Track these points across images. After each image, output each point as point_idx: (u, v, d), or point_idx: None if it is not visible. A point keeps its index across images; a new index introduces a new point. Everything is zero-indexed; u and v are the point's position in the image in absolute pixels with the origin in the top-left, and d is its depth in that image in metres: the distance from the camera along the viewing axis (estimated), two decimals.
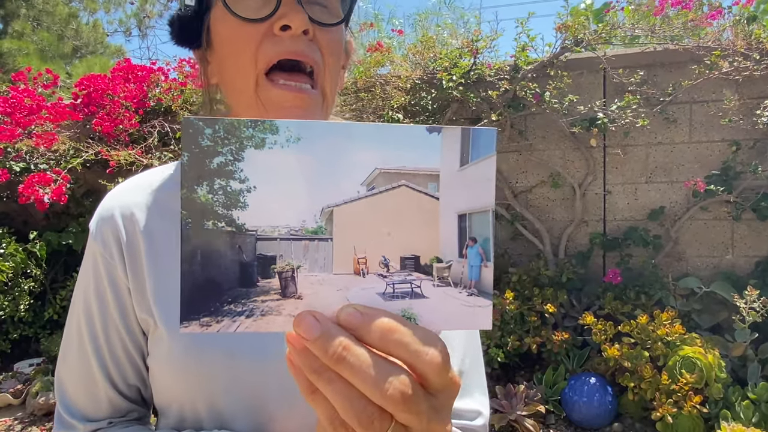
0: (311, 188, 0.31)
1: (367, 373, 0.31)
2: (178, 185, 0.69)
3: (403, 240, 0.33)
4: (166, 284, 0.65)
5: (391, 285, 0.33)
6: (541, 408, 2.95)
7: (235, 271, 0.32)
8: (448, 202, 0.33)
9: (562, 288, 3.33)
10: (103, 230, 0.67)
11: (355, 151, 0.31)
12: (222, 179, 0.31)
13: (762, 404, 2.73)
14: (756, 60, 2.94)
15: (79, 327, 0.69)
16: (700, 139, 3.28)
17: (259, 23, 0.58)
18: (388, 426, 0.33)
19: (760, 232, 3.28)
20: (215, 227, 0.31)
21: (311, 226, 0.32)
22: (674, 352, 2.82)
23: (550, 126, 3.42)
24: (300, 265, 0.32)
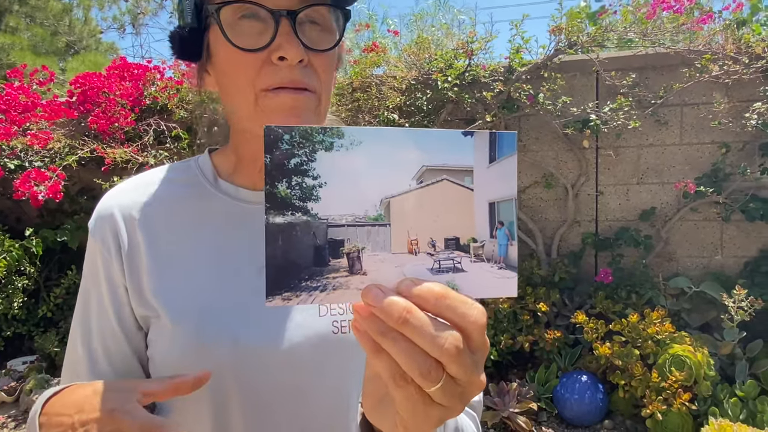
0: (372, 183, 0.37)
1: (427, 332, 0.36)
2: (174, 185, 0.73)
3: (446, 224, 0.39)
4: (167, 279, 0.68)
5: (437, 261, 0.39)
6: (534, 405, 2.99)
7: (311, 253, 0.37)
8: (481, 192, 0.39)
9: (555, 287, 3.38)
10: (102, 229, 0.70)
11: (406, 152, 0.37)
12: (298, 177, 0.36)
13: (749, 401, 2.78)
14: (745, 64, 3.00)
15: (75, 321, 0.73)
16: (691, 141, 3.33)
17: (256, 53, 0.60)
18: (441, 376, 0.37)
19: (748, 233, 3.34)
20: (293, 217, 0.37)
21: (373, 214, 0.38)
22: (664, 350, 2.87)
23: (543, 127, 3.46)
24: (364, 247, 0.38)
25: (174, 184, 0.74)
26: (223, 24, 0.60)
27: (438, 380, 0.37)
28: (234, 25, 0.60)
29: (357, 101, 3.51)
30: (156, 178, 0.75)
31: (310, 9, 0.60)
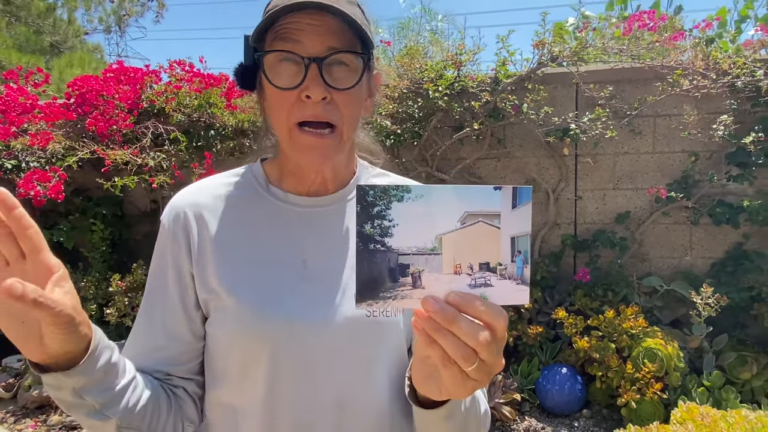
0: (429, 224, 0.52)
1: (467, 330, 0.52)
2: (234, 189, 0.88)
3: (480, 253, 0.54)
4: (230, 269, 0.81)
5: (474, 279, 0.54)
6: (517, 396, 3.19)
7: (386, 273, 0.53)
8: (505, 230, 0.54)
9: (537, 286, 3.58)
10: (175, 225, 0.83)
11: (453, 202, 0.52)
12: (378, 220, 0.52)
13: (715, 391, 3.02)
14: (713, 79, 3.24)
15: (144, 303, 0.86)
16: (663, 150, 3.57)
17: (290, 91, 0.74)
18: (476, 360, 0.54)
19: (715, 236, 3.59)
20: (376, 247, 0.52)
21: (429, 246, 0.53)
22: (638, 343, 3.10)
23: (526, 135, 3.67)
24: (423, 269, 0.53)
25: (233, 188, 0.87)
26: (266, 66, 0.75)
27: (474, 363, 0.54)
28: (275, 67, 0.75)
29: None
30: (219, 182, 0.88)
31: (335, 55, 0.74)
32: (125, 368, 0.74)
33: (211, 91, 3.99)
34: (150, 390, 0.78)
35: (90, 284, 3.93)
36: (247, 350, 0.80)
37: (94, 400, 0.68)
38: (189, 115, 3.99)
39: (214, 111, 3.95)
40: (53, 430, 3.34)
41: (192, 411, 0.87)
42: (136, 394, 0.75)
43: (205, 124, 4.03)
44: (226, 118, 3.96)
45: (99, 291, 3.91)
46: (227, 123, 3.96)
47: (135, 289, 3.75)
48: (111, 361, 0.70)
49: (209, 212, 0.84)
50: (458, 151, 3.81)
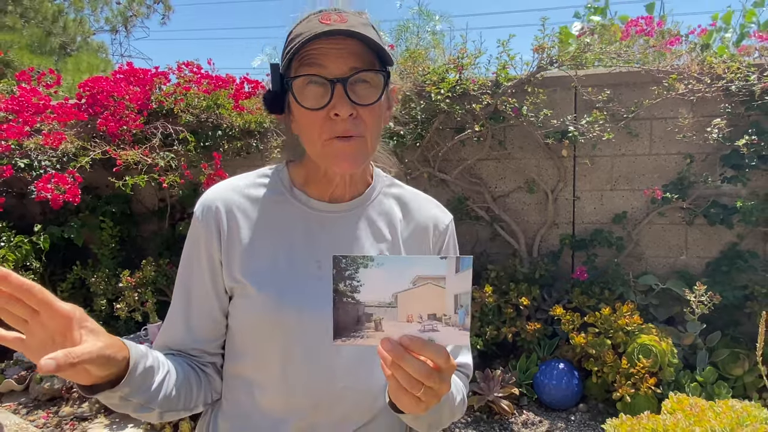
0: (388, 285, 0.66)
1: (413, 365, 0.67)
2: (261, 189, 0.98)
3: (428, 306, 0.67)
4: (254, 261, 0.91)
5: (423, 326, 0.68)
6: (515, 391, 3.28)
7: (355, 319, 0.68)
8: (449, 289, 0.67)
9: (535, 283, 3.67)
10: (208, 216, 0.92)
11: (407, 268, 0.66)
12: (349, 281, 0.66)
13: (707, 386, 3.11)
14: (707, 83, 3.33)
15: (178, 287, 0.95)
16: (659, 152, 3.67)
17: (318, 111, 0.83)
18: (421, 388, 0.68)
19: (710, 236, 3.68)
20: (347, 300, 0.67)
21: (388, 301, 0.67)
22: (633, 340, 3.19)
23: (526, 137, 3.76)
24: (383, 318, 0.68)
25: (261, 188, 0.95)
26: (294, 90, 0.84)
27: (420, 389, 0.69)
28: (303, 90, 0.83)
29: None
30: (249, 182, 0.96)
31: (357, 74, 0.82)
32: (159, 364, 0.85)
33: (219, 92, 4.10)
34: (182, 374, 0.90)
35: (100, 280, 4.03)
36: (264, 334, 0.90)
37: (139, 400, 0.80)
38: (197, 115, 4.09)
39: (222, 112, 4.05)
40: (65, 420, 3.44)
41: (218, 383, 0.98)
42: (171, 383, 0.86)
43: (213, 125, 4.13)
44: (234, 118, 4.06)
45: (109, 287, 4.01)
46: (235, 123, 4.06)
47: (144, 284, 3.85)
48: (147, 366, 0.81)
49: (238, 209, 0.92)
50: (459, 152, 3.90)
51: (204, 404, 0.96)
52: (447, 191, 3.98)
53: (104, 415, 3.50)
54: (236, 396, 0.96)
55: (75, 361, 0.63)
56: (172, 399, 0.86)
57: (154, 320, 3.85)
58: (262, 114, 4.04)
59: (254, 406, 0.93)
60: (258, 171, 0.99)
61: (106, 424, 3.40)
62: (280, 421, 0.91)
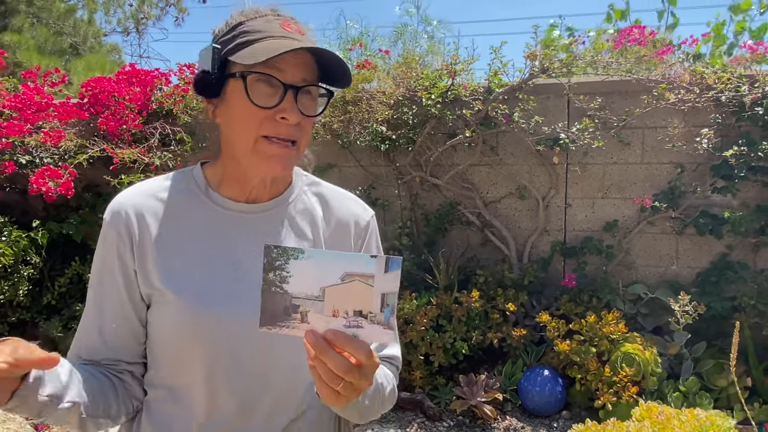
0: (316, 278, 0.67)
1: (334, 360, 0.67)
2: (174, 192, 0.95)
3: (355, 303, 0.68)
4: (170, 267, 0.89)
5: (348, 322, 0.68)
6: (499, 396, 3.29)
7: (282, 309, 0.68)
8: (377, 288, 0.67)
9: (524, 290, 3.68)
10: (117, 222, 0.90)
11: (337, 263, 0.67)
12: (279, 271, 0.67)
13: (690, 395, 3.10)
14: (697, 93, 3.34)
15: (90, 294, 0.93)
16: (651, 161, 3.67)
17: (265, 110, 0.83)
18: (341, 382, 0.69)
19: (701, 246, 3.66)
20: (275, 290, 0.67)
21: (315, 294, 0.68)
22: (617, 348, 3.19)
23: (518, 143, 3.78)
24: (309, 310, 0.68)
25: (173, 191, 0.94)
26: (248, 84, 0.83)
27: (339, 384, 0.69)
28: (254, 85, 0.83)
29: (349, 113, 3.81)
30: (160, 185, 0.95)
31: (308, 86, 0.85)
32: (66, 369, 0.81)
33: None
34: (95, 381, 0.88)
35: None
36: (183, 341, 0.90)
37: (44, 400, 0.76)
38: (195, 117, 4.16)
39: None
40: None
41: (138, 391, 0.96)
42: (81, 386, 0.84)
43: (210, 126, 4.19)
44: None
45: None
46: None
47: None
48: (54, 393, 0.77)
49: (150, 213, 0.91)
50: (451, 157, 3.93)
51: (126, 413, 0.94)
52: (439, 196, 4.01)
53: None
54: (158, 404, 0.95)
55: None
56: (88, 403, 0.83)
57: None
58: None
59: (177, 413, 0.93)
60: (169, 174, 0.98)
61: None
62: (205, 427, 0.92)
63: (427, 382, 3.48)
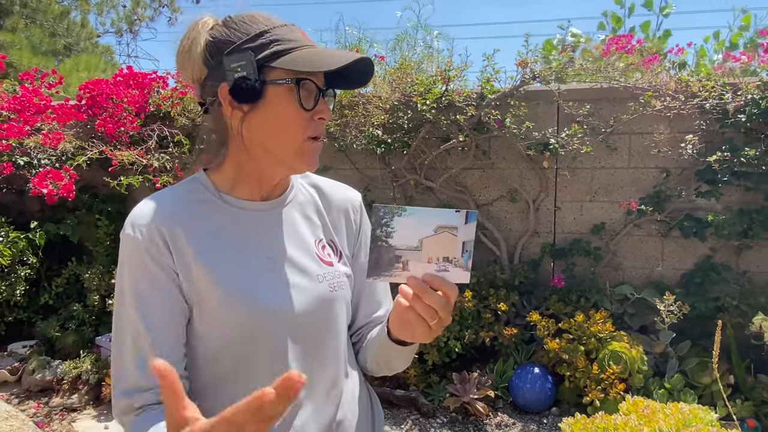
0: (415, 232, 0.78)
1: (432, 298, 0.79)
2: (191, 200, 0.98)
3: (444, 250, 0.80)
4: (213, 270, 0.90)
5: (438, 267, 0.81)
6: (491, 393, 3.39)
7: (387, 260, 0.79)
8: (460, 237, 0.80)
9: (515, 290, 3.78)
10: (148, 233, 0.88)
11: (431, 219, 0.78)
12: (385, 227, 0.77)
13: (675, 392, 3.21)
14: (682, 101, 3.46)
15: (131, 315, 0.88)
16: (637, 166, 3.79)
17: (308, 112, 0.90)
18: (436, 318, 0.81)
19: (686, 248, 3.79)
20: (382, 244, 0.78)
21: (414, 245, 0.79)
22: (604, 346, 3.30)
23: (509, 148, 3.89)
24: (409, 259, 0.79)
25: (189, 200, 0.95)
26: (300, 90, 0.88)
27: (435, 319, 0.81)
28: (304, 91, 0.89)
29: (345, 117, 3.89)
30: (175, 196, 0.96)
31: (329, 89, 0.95)
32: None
33: None
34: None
35: (94, 276, 4.15)
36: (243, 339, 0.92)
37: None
38: (193, 119, 4.21)
39: None
40: (55, 411, 3.56)
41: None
42: None
43: None
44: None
45: (102, 283, 4.13)
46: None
47: None
48: None
49: (176, 223, 0.91)
50: (445, 161, 4.03)
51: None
52: (433, 198, 4.10)
53: (92, 407, 3.62)
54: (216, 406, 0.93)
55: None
56: None
57: None
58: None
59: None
60: (179, 184, 1.00)
61: (94, 415, 3.52)
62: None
63: (421, 380, 3.57)
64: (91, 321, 4.26)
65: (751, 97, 3.35)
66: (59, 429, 3.34)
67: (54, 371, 3.84)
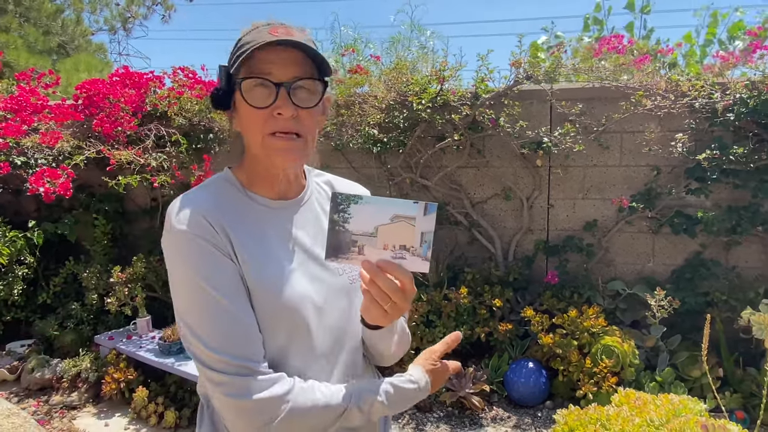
0: (371, 219, 0.83)
1: (384, 282, 0.86)
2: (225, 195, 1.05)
3: (401, 238, 0.85)
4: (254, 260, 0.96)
5: (396, 254, 0.86)
6: (486, 387, 3.45)
7: (344, 243, 0.85)
8: (418, 227, 0.84)
9: (509, 286, 3.85)
10: (200, 226, 0.93)
11: (388, 208, 0.83)
12: (342, 213, 0.83)
13: (666, 385, 3.29)
14: (672, 100, 3.53)
15: (211, 297, 0.91)
16: (629, 164, 3.86)
17: (263, 110, 0.93)
18: (389, 301, 0.87)
19: (676, 245, 3.86)
20: (339, 229, 0.83)
21: (370, 232, 0.84)
22: (597, 341, 3.37)
23: (503, 147, 3.95)
24: (365, 245, 0.85)
25: (224, 195, 1.02)
26: (243, 90, 0.94)
27: (388, 303, 0.87)
28: (251, 91, 0.93)
29: (342, 116, 3.94)
30: (211, 191, 1.02)
31: (299, 81, 0.94)
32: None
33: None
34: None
35: (92, 275, 4.18)
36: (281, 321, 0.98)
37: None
38: (190, 119, 4.24)
39: (213, 116, 4.22)
40: (54, 409, 3.59)
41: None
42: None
43: (205, 128, 4.29)
44: (225, 122, 4.23)
45: (100, 282, 4.16)
46: (225, 127, 4.23)
47: (134, 280, 4.00)
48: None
49: (221, 215, 0.96)
50: (440, 159, 4.08)
51: None
52: (428, 196, 4.16)
53: (92, 405, 3.65)
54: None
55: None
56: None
57: (143, 314, 4.00)
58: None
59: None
60: (208, 181, 1.06)
61: (94, 413, 3.55)
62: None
63: None
64: (89, 320, 4.29)
65: (740, 96, 3.42)
66: (60, 427, 3.37)
67: (53, 370, 3.87)
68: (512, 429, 3.27)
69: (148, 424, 3.33)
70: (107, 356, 3.74)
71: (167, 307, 4.41)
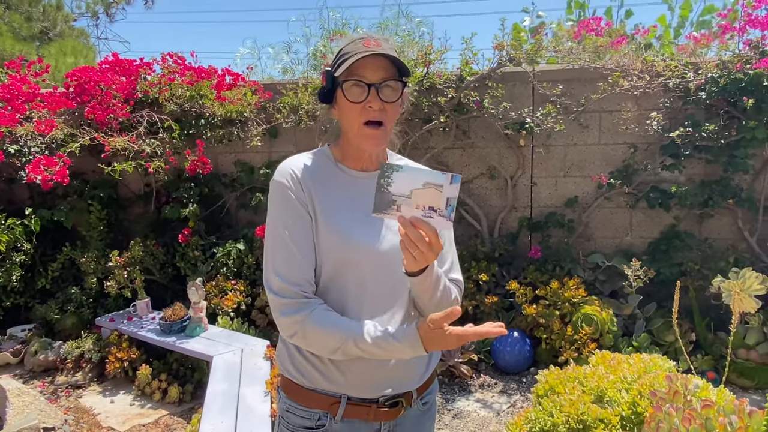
0: (408, 184, 1.01)
1: (414, 233, 1.03)
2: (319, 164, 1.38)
3: (430, 201, 1.01)
4: (328, 211, 1.25)
5: (424, 213, 1.02)
6: (474, 357, 3.65)
7: (386, 202, 1.03)
8: (444, 193, 0.99)
9: (495, 262, 4.03)
10: (291, 179, 1.25)
11: (421, 176, 1.00)
12: (386, 178, 1.01)
13: (642, 349, 3.50)
14: (648, 80, 3.69)
15: (282, 235, 1.23)
16: (608, 142, 4.03)
17: (358, 104, 1.20)
18: (416, 250, 1.05)
19: (652, 218, 4.06)
20: (384, 191, 1.02)
21: (406, 194, 1.01)
22: (577, 310, 3.57)
23: (488, 128, 4.09)
24: (401, 204, 1.02)
25: (319, 162, 1.31)
26: (344, 89, 1.20)
27: (415, 250, 1.05)
28: (350, 89, 1.20)
29: None
30: (309, 159, 1.32)
31: (386, 82, 1.19)
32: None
33: (201, 83, 4.34)
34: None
35: (90, 260, 4.28)
36: (339, 262, 1.25)
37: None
38: (181, 105, 4.33)
39: (204, 102, 4.30)
40: (60, 388, 3.72)
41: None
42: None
43: (197, 114, 4.38)
44: (216, 108, 4.32)
45: (98, 266, 4.27)
46: (217, 113, 4.32)
47: (132, 264, 4.12)
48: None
49: (309, 176, 1.27)
50: (427, 141, 4.22)
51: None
52: None
53: (97, 383, 3.79)
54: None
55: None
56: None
57: (143, 297, 4.13)
58: (243, 104, 4.31)
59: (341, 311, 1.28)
60: (310, 152, 1.35)
61: (99, 391, 3.69)
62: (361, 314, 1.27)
63: None
64: (89, 303, 4.39)
65: (711, 75, 3.59)
66: (67, 405, 3.51)
67: (56, 352, 3.99)
68: (498, 394, 3.48)
69: (152, 400, 3.48)
70: (109, 337, 3.87)
71: (165, 289, 4.54)
